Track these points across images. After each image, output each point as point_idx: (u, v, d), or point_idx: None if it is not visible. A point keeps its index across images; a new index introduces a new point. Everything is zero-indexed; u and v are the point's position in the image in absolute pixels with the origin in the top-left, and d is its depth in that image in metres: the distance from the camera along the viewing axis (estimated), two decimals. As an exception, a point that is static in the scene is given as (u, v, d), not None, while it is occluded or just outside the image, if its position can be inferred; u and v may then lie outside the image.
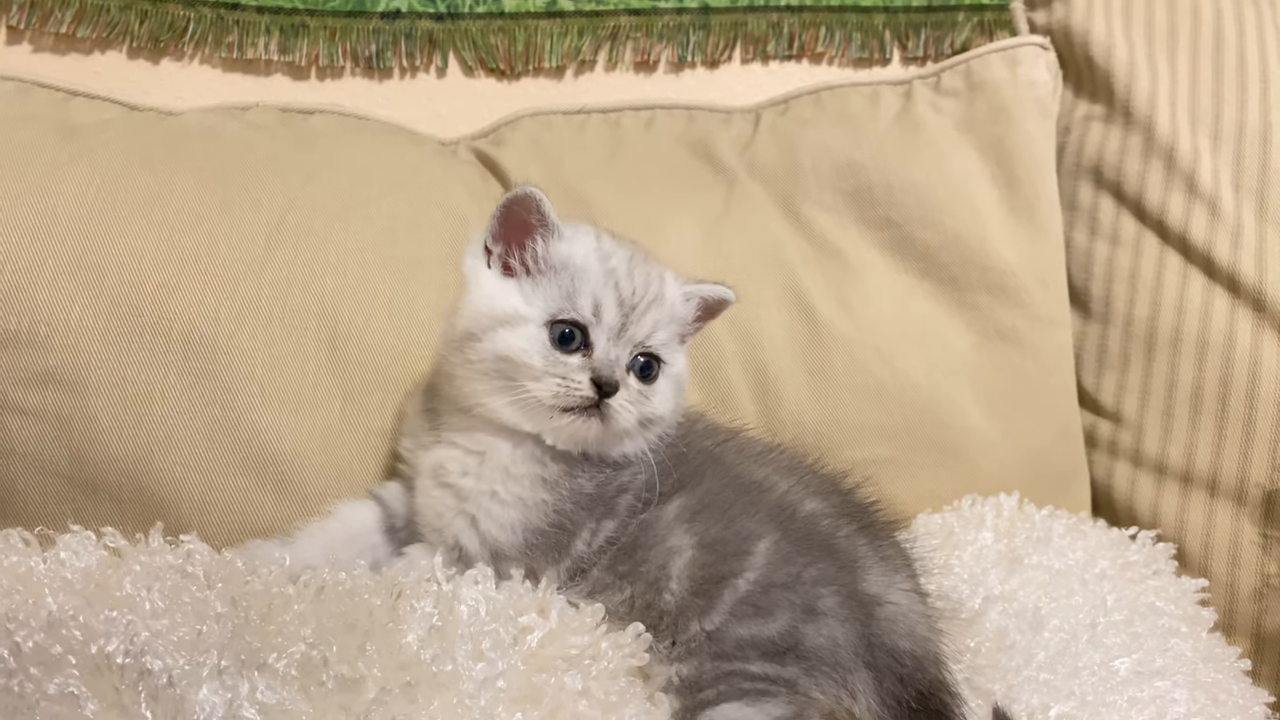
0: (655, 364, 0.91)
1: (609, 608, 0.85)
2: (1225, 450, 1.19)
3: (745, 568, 0.84)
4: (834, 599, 0.83)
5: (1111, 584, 1.01)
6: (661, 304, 0.91)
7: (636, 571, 0.86)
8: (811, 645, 0.81)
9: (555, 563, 0.89)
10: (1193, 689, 0.93)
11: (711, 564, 0.84)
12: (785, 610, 0.82)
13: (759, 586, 0.83)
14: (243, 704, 0.72)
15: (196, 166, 1.10)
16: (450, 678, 0.77)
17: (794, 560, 0.84)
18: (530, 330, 0.87)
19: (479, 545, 0.89)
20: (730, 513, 0.87)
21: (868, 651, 0.82)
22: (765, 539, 0.85)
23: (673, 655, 0.83)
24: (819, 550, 0.86)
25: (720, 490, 0.89)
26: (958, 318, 1.22)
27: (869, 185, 1.24)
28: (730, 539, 0.85)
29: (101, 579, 0.78)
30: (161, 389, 1.01)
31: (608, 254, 0.91)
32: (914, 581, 0.90)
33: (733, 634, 0.82)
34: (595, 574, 0.88)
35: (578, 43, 1.49)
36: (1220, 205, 1.23)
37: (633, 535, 0.88)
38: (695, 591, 0.84)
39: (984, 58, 1.31)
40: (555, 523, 0.89)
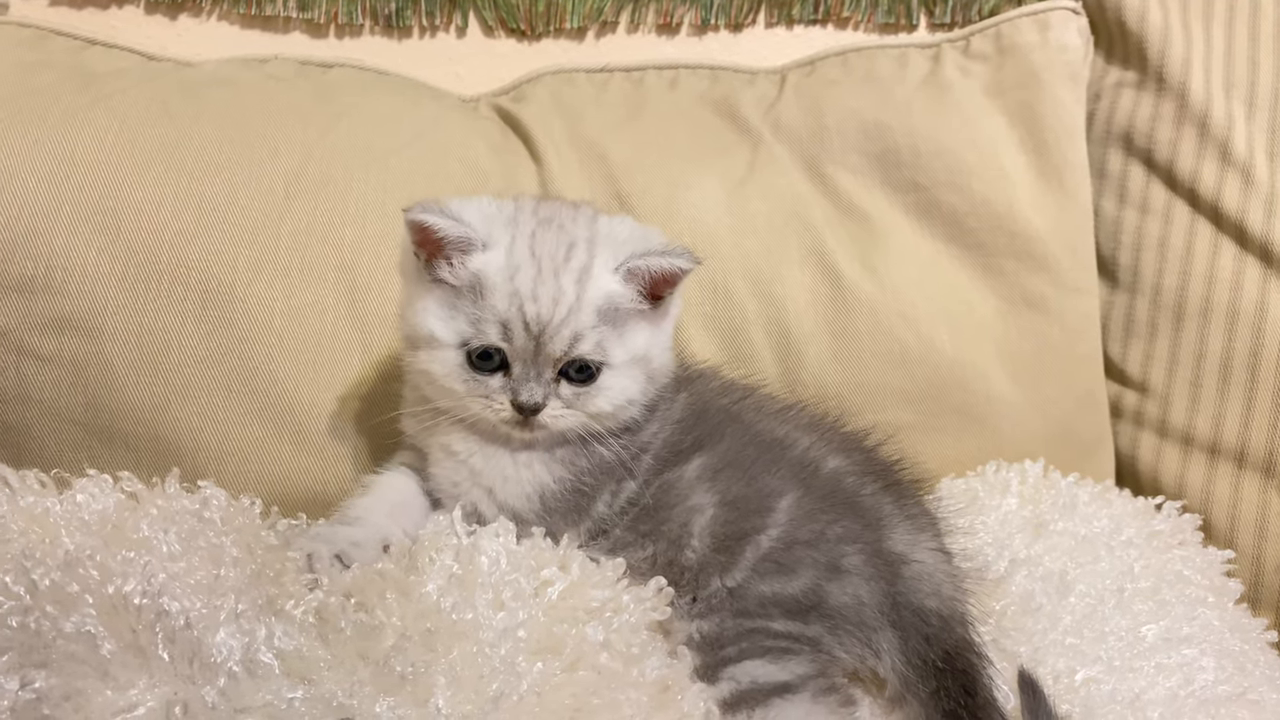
0: (591, 367, 0.86)
1: (631, 564, 0.84)
2: (1254, 422, 1.17)
3: (768, 524, 0.83)
4: (858, 557, 0.82)
5: (1139, 551, 0.99)
6: (581, 310, 0.84)
7: (658, 530, 0.85)
8: (835, 603, 0.81)
9: (575, 524, 0.88)
10: (1220, 657, 0.91)
11: (734, 521, 0.84)
12: (808, 568, 0.81)
13: (782, 543, 0.82)
14: (260, 648, 0.72)
15: (215, 115, 1.09)
16: (470, 626, 0.76)
17: (817, 517, 0.83)
18: (448, 355, 0.85)
19: (497, 512, 0.88)
20: (751, 470, 0.86)
21: (893, 610, 0.81)
22: (788, 496, 0.84)
23: (694, 612, 0.82)
24: (843, 507, 0.85)
25: (741, 448, 0.88)
26: (984, 283, 1.20)
27: (895, 148, 1.22)
28: (752, 496, 0.85)
29: (118, 521, 0.77)
30: (179, 337, 0.99)
31: (516, 268, 0.84)
32: (939, 541, 0.89)
33: (755, 591, 0.81)
34: (617, 533, 0.87)
35: (600, 3, 1.46)
36: (1254, 173, 1.20)
37: (655, 495, 0.87)
38: (717, 548, 0.83)
39: (1014, 21, 1.28)
40: (573, 488, 0.88)
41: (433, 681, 0.72)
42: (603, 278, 0.86)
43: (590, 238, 0.87)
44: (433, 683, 0.72)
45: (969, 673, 0.80)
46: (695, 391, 0.94)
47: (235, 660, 0.71)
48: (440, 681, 0.73)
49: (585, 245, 0.87)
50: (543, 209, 0.89)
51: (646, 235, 0.90)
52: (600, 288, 0.85)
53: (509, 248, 0.85)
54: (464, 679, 0.73)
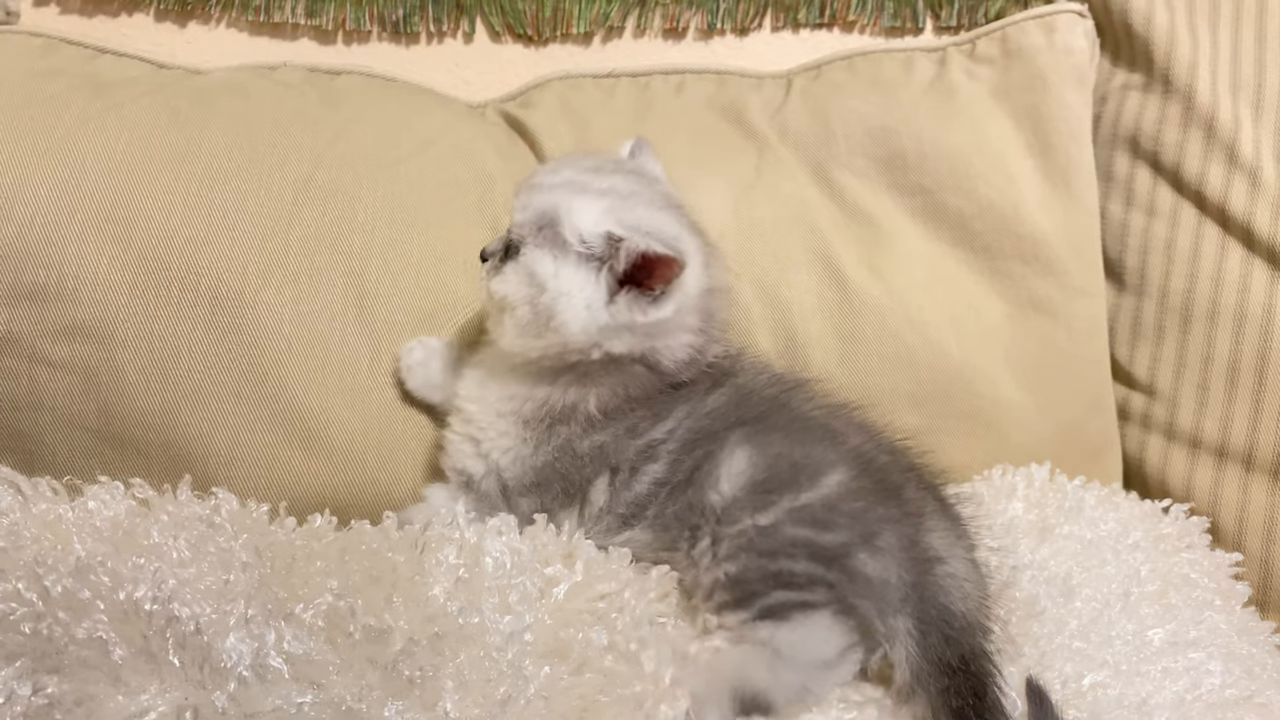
0: (511, 249, 0.90)
1: (662, 523, 0.87)
2: (1262, 425, 1.17)
3: (812, 487, 0.84)
4: (895, 540, 0.84)
5: (1145, 555, 0.99)
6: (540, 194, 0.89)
7: (685, 492, 0.88)
8: (861, 569, 0.82)
9: (569, 509, 0.90)
10: (1228, 661, 0.91)
11: (776, 472, 0.85)
12: (845, 530, 0.83)
13: (823, 505, 0.84)
14: (269, 653, 0.72)
15: (224, 123, 1.09)
16: (477, 630, 0.77)
17: (863, 496, 0.85)
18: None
19: (483, 470, 0.91)
20: (802, 438, 0.88)
21: (918, 602, 0.83)
22: (838, 471, 0.86)
23: (720, 554, 0.84)
24: (890, 496, 0.86)
25: (789, 424, 0.89)
26: (990, 286, 1.20)
27: (902, 151, 1.22)
28: (800, 460, 0.86)
29: (129, 527, 0.78)
30: (189, 343, 1.00)
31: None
32: (973, 554, 0.90)
33: (786, 532, 0.83)
34: (651, 511, 0.89)
35: (606, 9, 1.47)
36: (1261, 175, 1.20)
37: (688, 471, 0.88)
38: (753, 490, 0.85)
39: (1020, 24, 1.28)
40: (547, 465, 0.90)
41: (441, 685, 0.73)
42: (580, 207, 0.88)
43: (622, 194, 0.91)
44: (441, 687, 0.73)
45: (981, 677, 0.81)
46: (735, 386, 0.94)
47: (245, 665, 0.71)
48: (448, 685, 0.73)
49: (609, 188, 0.90)
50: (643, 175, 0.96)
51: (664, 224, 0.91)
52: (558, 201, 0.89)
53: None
54: (471, 683, 0.74)
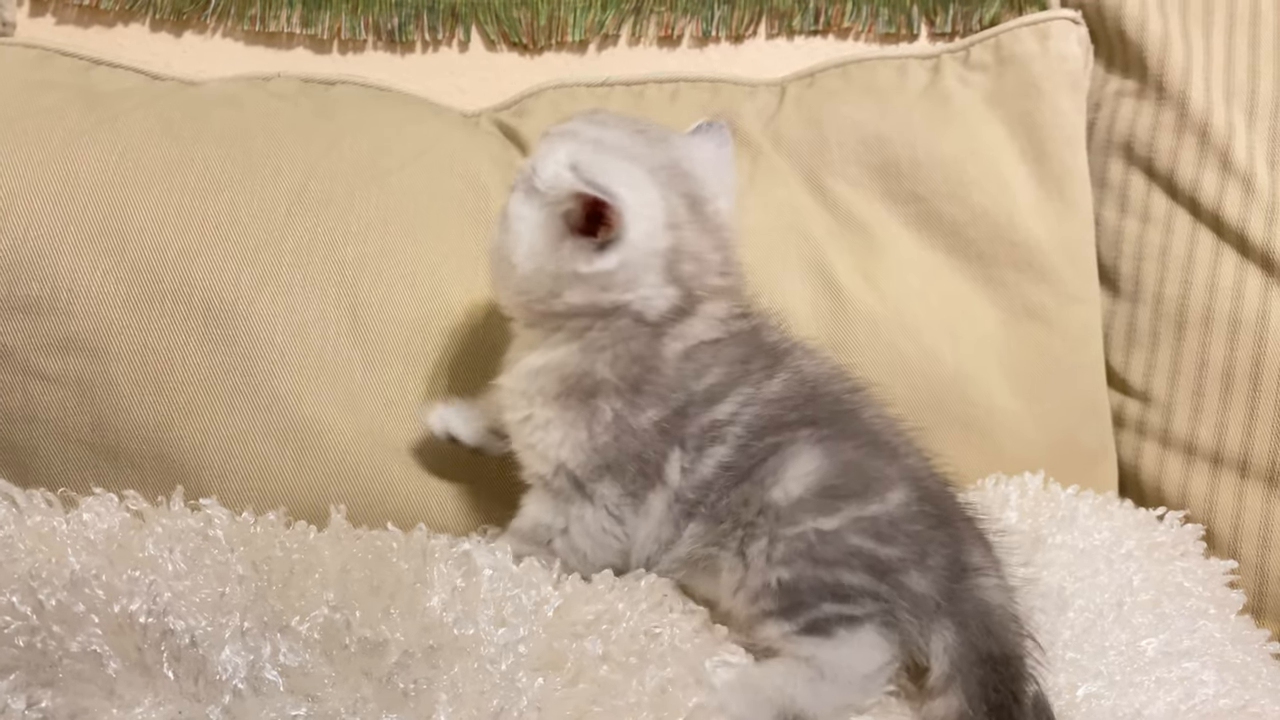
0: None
1: (715, 514, 0.86)
2: (1257, 431, 1.17)
3: (877, 500, 0.84)
4: (942, 560, 0.84)
5: (1138, 564, 0.99)
6: (540, 141, 0.92)
7: (748, 479, 0.86)
8: (911, 587, 0.83)
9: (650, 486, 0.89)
10: (1221, 670, 0.91)
11: (845, 477, 0.84)
12: (903, 546, 0.83)
13: (886, 521, 0.83)
14: (265, 665, 0.72)
15: (218, 134, 1.10)
16: (472, 642, 0.76)
17: (921, 521, 0.85)
18: None
19: (549, 469, 0.90)
20: (867, 451, 0.87)
21: (956, 602, 0.83)
22: (900, 489, 0.85)
23: (775, 557, 0.83)
24: (943, 524, 0.86)
25: (856, 434, 0.89)
26: (984, 294, 1.20)
27: (895, 159, 1.22)
28: (867, 470, 0.86)
29: (124, 540, 0.78)
30: (182, 355, 1.00)
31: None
32: (1005, 578, 0.89)
33: (848, 540, 0.82)
34: (712, 497, 0.88)
35: (601, 16, 1.47)
36: (1255, 182, 1.20)
37: (753, 457, 0.87)
38: (822, 492, 0.84)
39: (1014, 31, 1.29)
40: (611, 444, 0.88)
41: (435, 698, 0.73)
42: (559, 147, 0.88)
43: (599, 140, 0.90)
44: (435, 699, 0.73)
45: (1020, 678, 0.80)
46: (799, 370, 0.93)
47: (240, 678, 0.71)
48: (442, 698, 0.73)
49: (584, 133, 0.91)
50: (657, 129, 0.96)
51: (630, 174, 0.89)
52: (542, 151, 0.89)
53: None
54: (466, 695, 0.74)
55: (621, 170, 0.88)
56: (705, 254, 0.91)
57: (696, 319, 0.90)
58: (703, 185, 0.93)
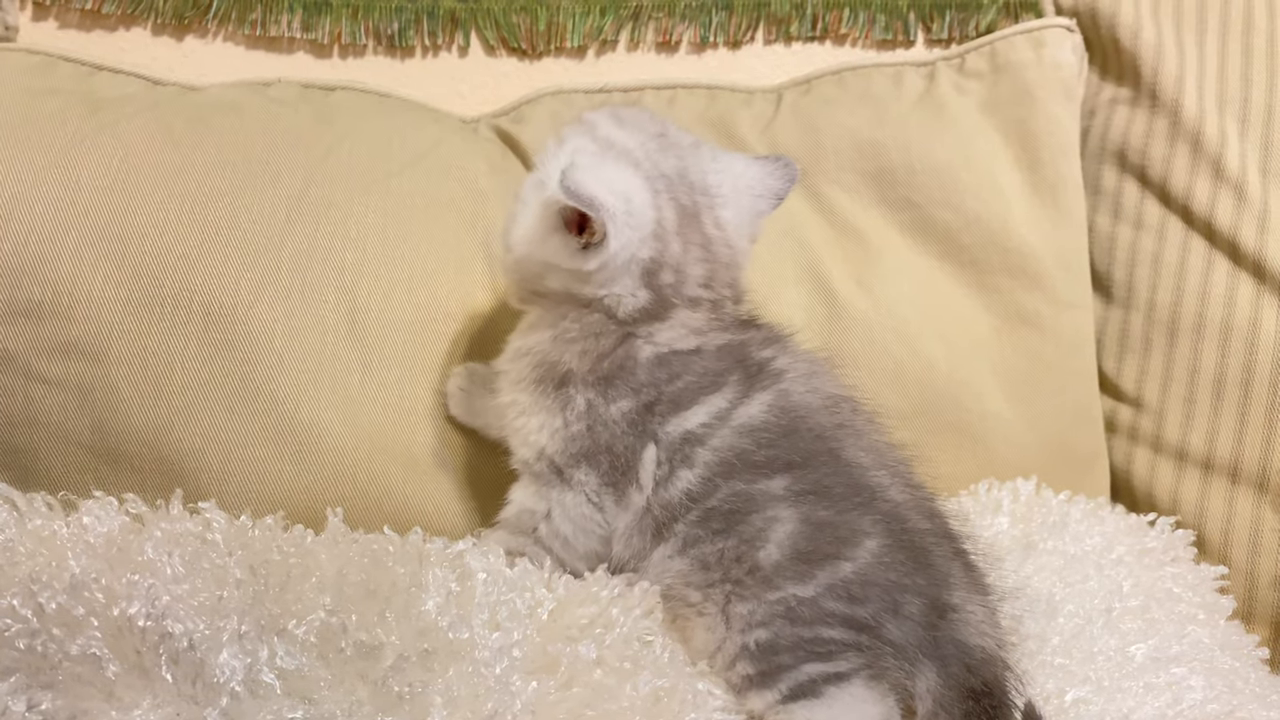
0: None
1: (701, 559, 0.86)
2: (1247, 437, 1.18)
3: (851, 557, 0.84)
4: (918, 606, 0.84)
5: (1128, 570, 1.00)
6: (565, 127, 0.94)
7: (732, 529, 0.86)
8: (888, 635, 0.82)
9: (627, 480, 0.90)
10: (1210, 676, 0.92)
11: (817, 541, 0.85)
12: (876, 603, 0.83)
13: (858, 579, 0.83)
14: (262, 668, 0.73)
15: (218, 140, 1.10)
16: (466, 646, 0.78)
17: (896, 569, 0.84)
18: None
19: (531, 454, 0.93)
20: (841, 506, 0.86)
21: (933, 646, 0.83)
22: (873, 540, 0.85)
23: (753, 620, 0.83)
24: (920, 564, 0.86)
25: (832, 485, 0.87)
26: (978, 300, 1.21)
27: (890, 166, 1.23)
28: (839, 525, 0.85)
29: (123, 544, 0.79)
30: (181, 360, 1.01)
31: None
32: (992, 604, 0.89)
33: (825, 605, 0.83)
34: (680, 529, 0.88)
35: (600, 22, 1.48)
36: (1247, 190, 1.21)
37: (727, 501, 0.87)
38: (797, 558, 0.84)
39: (1009, 39, 1.30)
40: (582, 434, 0.90)
41: (430, 701, 0.74)
42: (573, 138, 0.92)
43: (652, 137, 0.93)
44: (430, 702, 0.74)
45: (1002, 705, 0.81)
46: (784, 396, 0.92)
47: (238, 680, 0.72)
48: (437, 701, 0.74)
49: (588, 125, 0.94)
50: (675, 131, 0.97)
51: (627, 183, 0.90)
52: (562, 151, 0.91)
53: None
54: (460, 699, 0.75)
55: (618, 177, 0.89)
56: (687, 266, 0.92)
57: (667, 326, 0.92)
58: (711, 199, 0.94)
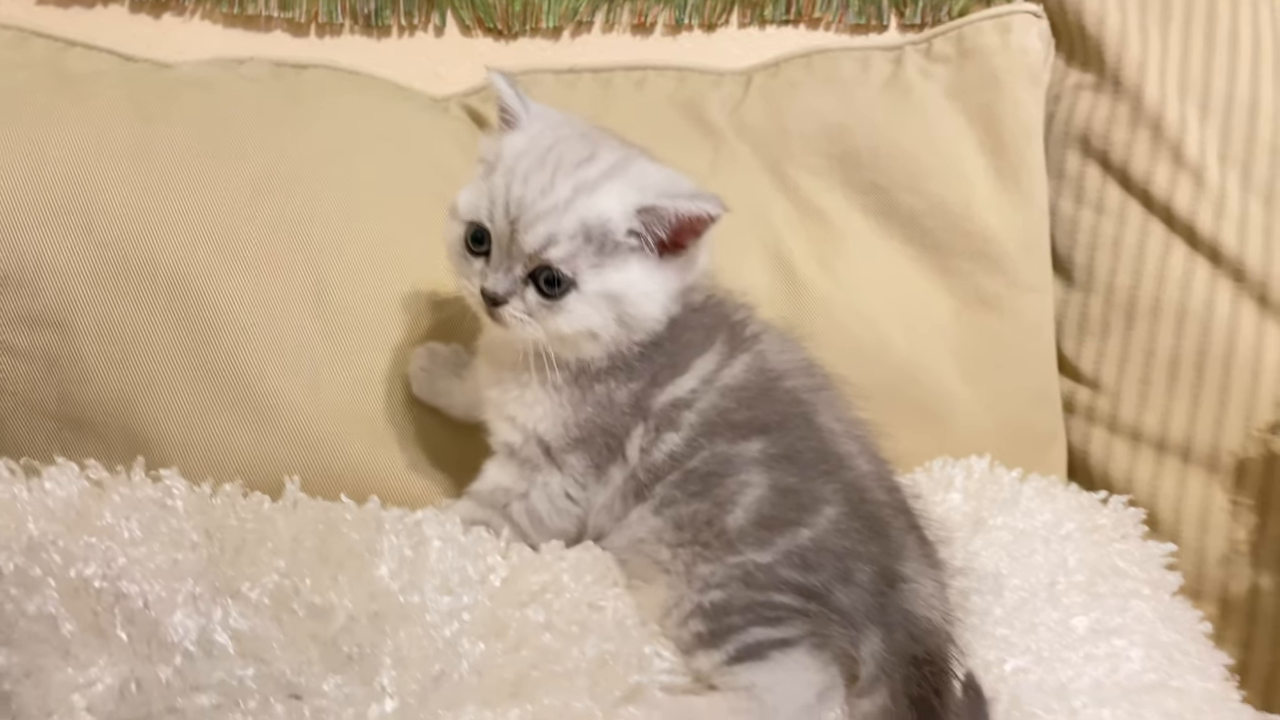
0: (560, 281, 0.85)
1: (675, 519, 0.88)
2: (1200, 418, 1.20)
3: (809, 524, 0.86)
4: (868, 574, 0.86)
5: (1075, 545, 1.02)
6: (564, 215, 0.84)
7: (708, 492, 0.88)
8: (836, 602, 0.85)
9: (612, 459, 0.91)
10: (1149, 648, 0.95)
11: (780, 507, 0.87)
12: (827, 571, 0.85)
13: (813, 545, 0.85)
14: (215, 629, 0.75)
15: (188, 116, 1.12)
16: (417, 609, 0.80)
17: (850, 536, 0.86)
18: (455, 228, 0.89)
19: (522, 439, 0.92)
20: (808, 472, 0.88)
21: (881, 612, 0.85)
22: (833, 508, 0.87)
23: (712, 581, 0.85)
24: (875, 534, 0.88)
25: (803, 450, 0.90)
26: (939, 282, 1.23)
27: (855, 149, 1.25)
28: (803, 493, 0.87)
29: (82, 508, 0.81)
30: (147, 332, 1.03)
31: (525, 153, 0.86)
32: (944, 579, 0.91)
33: (779, 573, 0.84)
34: (660, 490, 0.90)
35: (574, 4, 1.49)
36: (1205, 176, 1.23)
37: (707, 463, 0.89)
38: (759, 524, 0.86)
39: (976, 24, 1.31)
40: (589, 419, 0.90)
41: (379, 661, 0.76)
42: (606, 199, 0.85)
43: (617, 164, 0.88)
44: (379, 662, 0.76)
45: (943, 675, 0.83)
46: (763, 359, 0.94)
47: (191, 640, 0.74)
48: (386, 662, 0.76)
49: (606, 165, 0.88)
50: (595, 131, 0.93)
51: (679, 181, 0.91)
52: (597, 207, 0.85)
53: (535, 135, 0.88)
54: (409, 659, 0.77)
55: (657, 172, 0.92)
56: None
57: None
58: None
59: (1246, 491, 1.19)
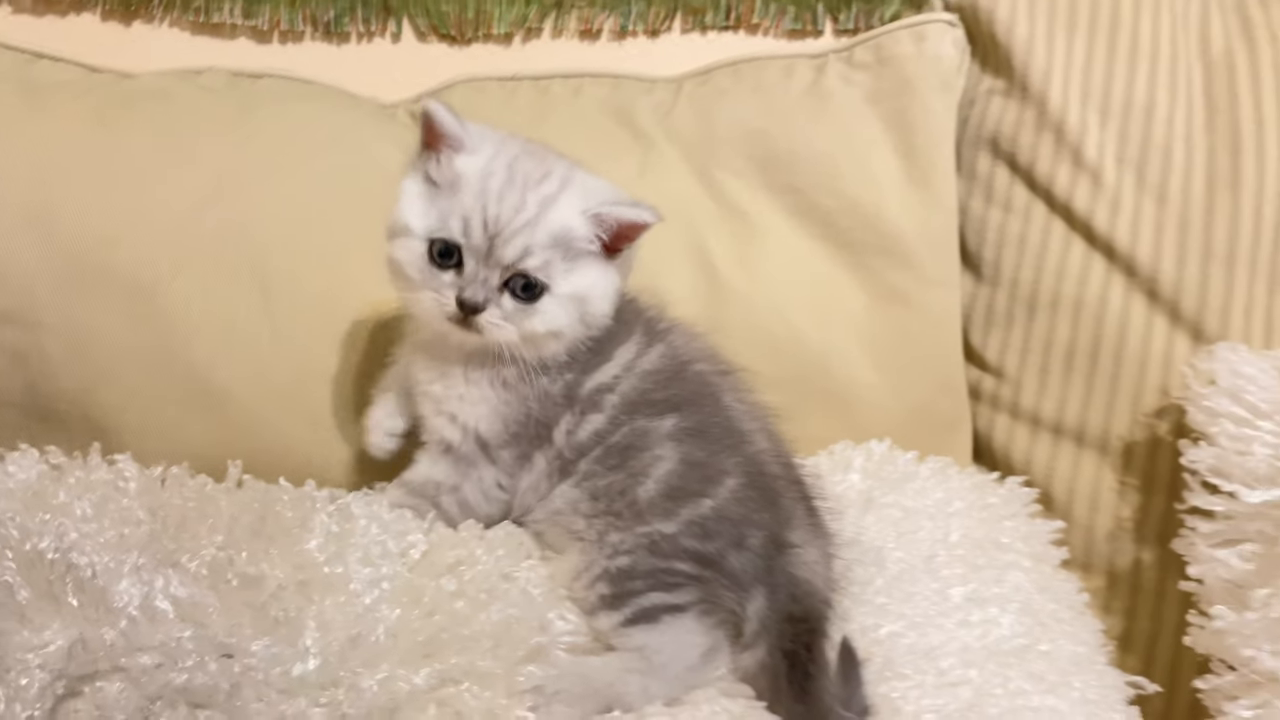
0: (535, 286, 0.94)
1: (591, 491, 0.97)
2: (1092, 405, 1.29)
3: (711, 495, 0.95)
4: (759, 540, 0.95)
5: (960, 521, 1.11)
6: (537, 228, 0.93)
7: (624, 464, 0.97)
8: (729, 566, 0.94)
9: (540, 447, 1.00)
10: (1022, 615, 1.03)
11: (687, 479, 0.95)
12: (724, 538, 0.94)
13: (714, 514, 0.94)
14: (157, 596, 0.84)
15: (146, 125, 1.20)
16: (340, 579, 0.89)
17: (746, 504, 0.96)
18: (414, 244, 0.95)
19: (461, 436, 1.00)
20: (714, 447, 0.98)
21: (768, 574, 0.94)
22: (733, 479, 0.96)
23: (621, 548, 0.94)
24: (768, 504, 0.97)
25: (711, 425, 0.99)
26: (852, 278, 1.31)
27: (776, 153, 1.32)
28: (708, 465, 0.96)
29: (40, 489, 0.90)
30: (106, 329, 1.12)
31: (489, 174, 0.94)
32: (829, 549, 1.01)
33: (681, 542, 0.93)
34: (584, 466, 0.98)
35: (525, 11, 1.56)
36: (1103, 176, 1.31)
37: (626, 436, 0.98)
38: (667, 495, 0.95)
39: (894, 34, 1.38)
40: (526, 413, 0.99)
41: (304, 625, 0.85)
42: (565, 210, 0.94)
43: (566, 177, 0.98)
44: (304, 626, 0.85)
45: (815, 634, 0.92)
46: (673, 346, 1.04)
47: (135, 606, 0.83)
48: (310, 625, 0.85)
49: (559, 180, 0.97)
50: (532, 145, 1.01)
51: (616, 191, 1.01)
52: (560, 218, 0.94)
53: (490, 157, 0.96)
54: (331, 623, 0.86)
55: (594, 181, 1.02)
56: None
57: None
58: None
59: (1133, 473, 1.27)
